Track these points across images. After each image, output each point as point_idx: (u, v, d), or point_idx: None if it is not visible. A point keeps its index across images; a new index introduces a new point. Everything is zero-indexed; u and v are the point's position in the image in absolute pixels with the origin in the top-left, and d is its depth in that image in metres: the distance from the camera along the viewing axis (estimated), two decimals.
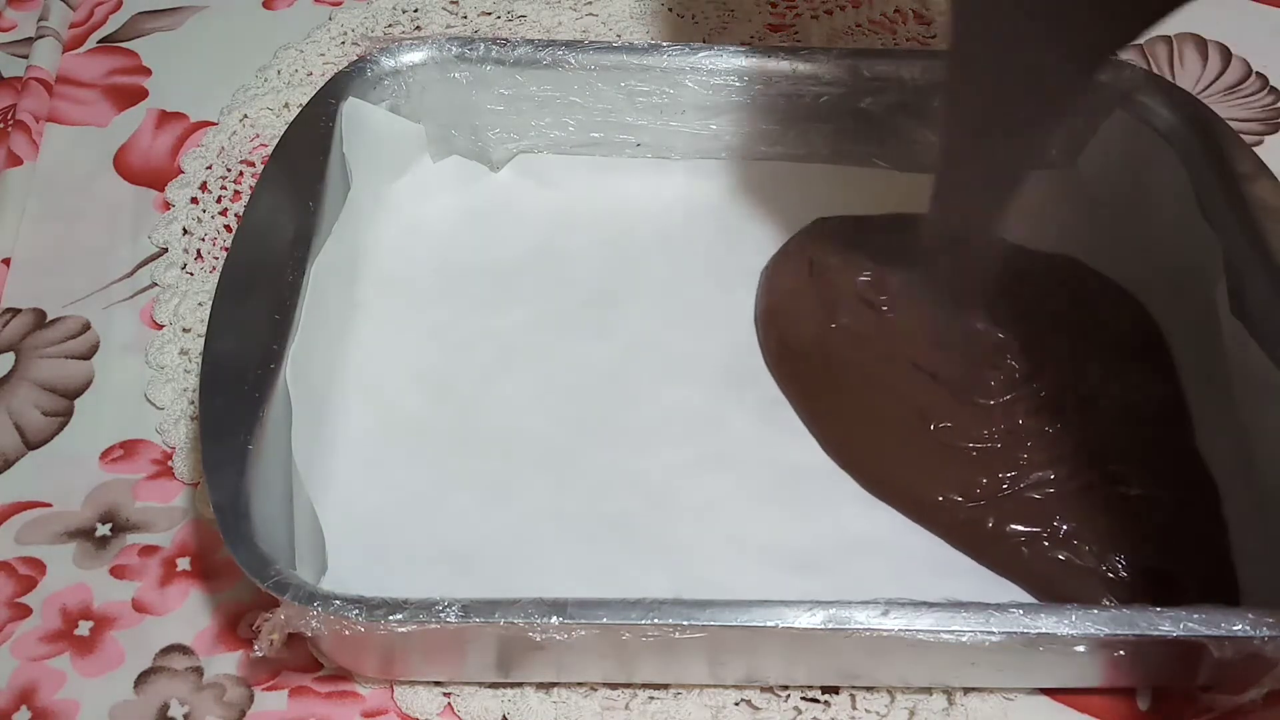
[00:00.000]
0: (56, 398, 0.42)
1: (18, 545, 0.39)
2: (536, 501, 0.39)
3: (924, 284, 0.43)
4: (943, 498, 0.39)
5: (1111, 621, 0.33)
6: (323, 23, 0.54)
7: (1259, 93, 0.53)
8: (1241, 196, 0.41)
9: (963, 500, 0.39)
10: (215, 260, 0.46)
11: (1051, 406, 0.41)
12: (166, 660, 0.37)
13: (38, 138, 0.50)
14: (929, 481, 0.39)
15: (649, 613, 0.32)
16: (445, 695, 0.36)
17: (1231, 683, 0.36)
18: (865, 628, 0.33)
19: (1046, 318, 0.43)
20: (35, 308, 0.45)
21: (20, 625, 0.37)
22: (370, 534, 0.38)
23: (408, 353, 0.43)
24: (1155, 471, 0.39)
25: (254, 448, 0.35)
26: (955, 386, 0.41)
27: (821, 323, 0.43)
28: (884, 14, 0.56)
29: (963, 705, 0.36)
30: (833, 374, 0.42)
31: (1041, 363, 0.42)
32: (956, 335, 0.42)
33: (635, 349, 0.43)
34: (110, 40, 0.54)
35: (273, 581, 0.33)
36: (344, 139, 0.43)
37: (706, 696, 0.36)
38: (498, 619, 0.32)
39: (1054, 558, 0.38)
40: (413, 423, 0.41)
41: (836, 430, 0.41)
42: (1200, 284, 0.42)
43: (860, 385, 0.42)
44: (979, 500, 0.39)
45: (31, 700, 0.36)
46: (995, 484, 0.39)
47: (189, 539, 0.39)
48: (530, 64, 0.45)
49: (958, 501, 0.39)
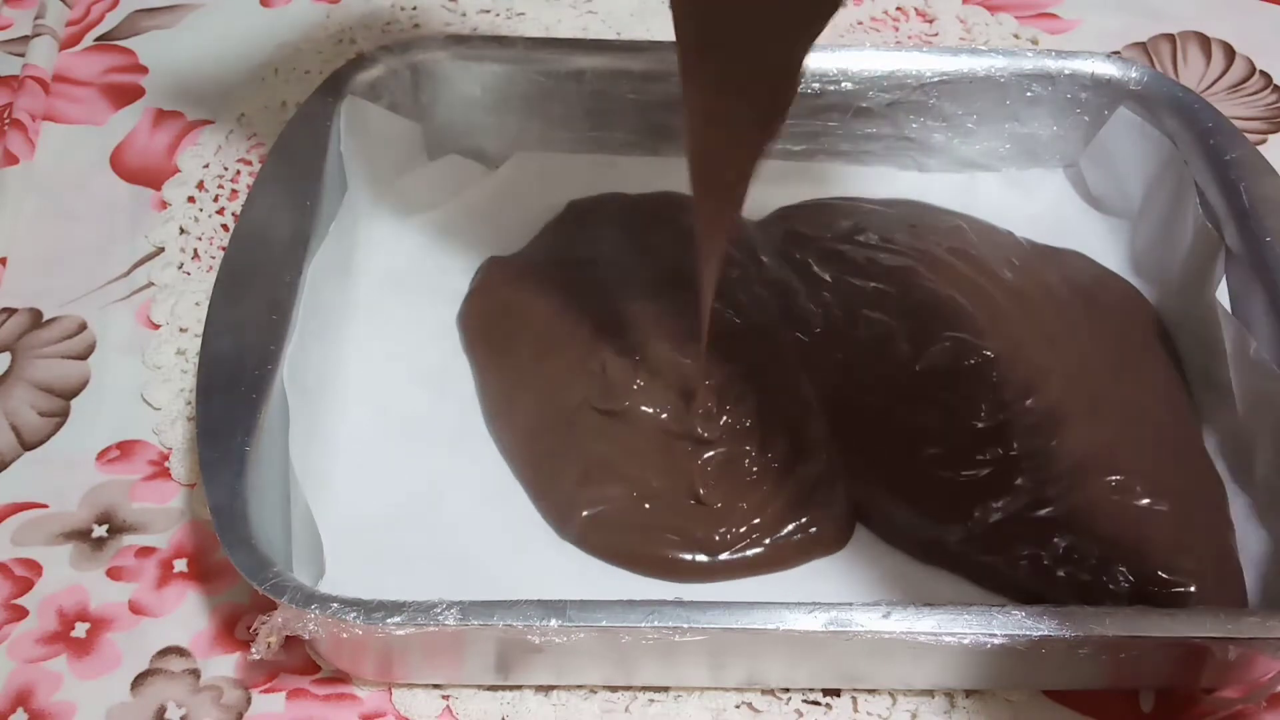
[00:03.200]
0: (53, 398, 0.42)
1: (14, 546, 0.39)
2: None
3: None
4: (934, 534, 0.38)
5: (1114, 624, 0.33)
6: (320, 21, 0.54)
7: (1262, 91, 0.53)
8: (1244, 196, 0.41)
9: (952, 537, 0.38)
10: (212, 260, 0.46)
11: (1050, 421, 0.40)
12: (163, 662, 0.36)
13: (34, 136, 0.49)
14: (918, 518, 0.38)
15: (649, 615, 0.32)
16: (444, 698, 0.36)
17: (1235, 685, 0.36)
18: (866, 630, 0.32)
19: (1050, 321, 0.43)
20: (31, 307, 0.45)
21: (17, 627, 0.37)
22: (368, 536, 0.38)
23: (405, 353, 0.42)
24: (1162, 476, 0.39)
25: (251, 449, 0.35)
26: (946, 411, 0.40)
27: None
28: (885, 11, 0.55)
29: (964, 707, 0.36)
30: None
31: (1043, 375, 0.41)
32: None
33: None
34: (107, 38, 0.54)
35: (270, 584, 0.32)
36: (342, 138, 0.43)
37: (707, 699, 0.36)
38: (496, 621, 0.32)
39: (1054, 575, 0.37)
40: (410, 424, 0.41)
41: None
42: (1201, 284, 0.41)
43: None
44: (969, 532, 0.38)
45: (28, 702, 0.36)
46: (987, 512, 0.38)
47: (186, 540, 0.39)
48: (529, 62, 0.45)
49: (949, 538, 0.38)
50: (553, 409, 0.40)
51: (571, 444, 0.39)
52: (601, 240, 0.45)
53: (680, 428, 0.40)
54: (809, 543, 0.38)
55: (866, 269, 0.44)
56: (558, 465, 0.39)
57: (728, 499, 0.38)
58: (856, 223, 0.45)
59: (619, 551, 0.38)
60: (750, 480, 0.39)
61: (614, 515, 0.38)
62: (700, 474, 0.39)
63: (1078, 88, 0.46)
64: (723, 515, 0.38)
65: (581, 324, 0.42)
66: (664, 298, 0.42)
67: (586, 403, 0.40)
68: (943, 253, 0.44)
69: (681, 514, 0.38)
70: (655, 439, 0.39)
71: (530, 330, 0.42)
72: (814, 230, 0.45)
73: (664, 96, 0.45)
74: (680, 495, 0.39)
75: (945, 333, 0.42)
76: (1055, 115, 0.46)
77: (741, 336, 0.42)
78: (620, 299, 0.42)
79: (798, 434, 0.40)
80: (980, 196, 0.47)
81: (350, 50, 0.48)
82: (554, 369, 0.41)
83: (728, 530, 0.38)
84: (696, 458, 0.39)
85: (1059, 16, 0.55)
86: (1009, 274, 0.44)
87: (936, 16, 0.55)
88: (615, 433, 0.39)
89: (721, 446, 0.39)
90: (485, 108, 0.46)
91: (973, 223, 0.46)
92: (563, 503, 0.38)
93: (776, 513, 0.38)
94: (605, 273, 0.44)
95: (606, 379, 0.40)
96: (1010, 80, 0.45)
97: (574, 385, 0.40)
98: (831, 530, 0.38)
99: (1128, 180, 0.46)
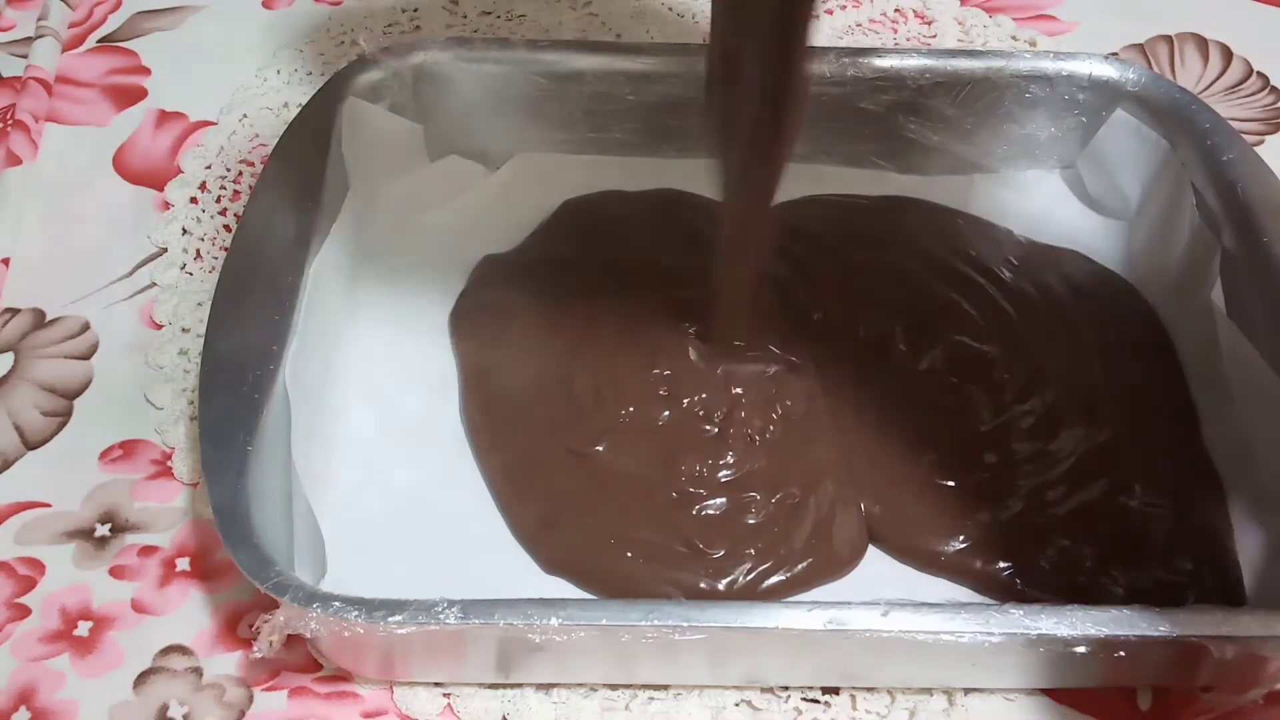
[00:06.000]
0: (56, 398, 0.42)
1: (17, 545, 0.39)
2: None
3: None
4: (935, 545, 0.38)
5: (1112, 622, 0.33)
6: (322, 22, 0.54)
7: (1260, 92, 0.53)
8: (1241, 197, 0.41)
9: (952, 547, 0.37)
10: (215, 260, 0.46)
11: (1049, 423, 0.40)
12: (166, 661, 0.37)
13: (37, 138, 0.50)
14: (912, 529, 0.38)
15: (649, 614, 0.32)
16: (445, 696, 0.36)
17: (1232, 683, 0.36)
18: (865, 629, 0.32)
19: (1047, 321, 0.43)
20: (34, 308, 0.45)
21: (19, 625, 0.37)
22: (370, 535, 0.38)
23: (408, 353, 0.42)
24: (1162, 475, 0.39)
25: (253, 448, 0.35)
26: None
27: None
28: (884, 13, 0.56)
29: (963, 706, 0.36)
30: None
31: (1041, 376, 0.41)
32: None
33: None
34: (109, 40, 0.54)
35: (272, 583, 0.33)
36: (343, 139, 0.43)
37: (707, 697, 0.36)
38: (497, 620, 0.32)
39: (1053, 577, 0.37)
40: (412, 423, 0.41)
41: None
42: (1199, 285, 0.42)
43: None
44: (969, 541, 0.37)
45: (31, 701, 0.36)
46: (986, 519, 0.38)
47: (188, 539, 0.39)
48: (530, 64, 0.45)
49: (949, 548, 0.37)
50: (523, 431, 0.39)
51: (537, 480, 0.38)
52: (595, 239, 0.45)
53: (667, 483, 0.38)
54: (824, 569, 0.37)
55: (865, 268, 0.44)
56: (523, 501, 0.38)
57: (733, 547, 0.37)
58: (854, 219, 0.45)
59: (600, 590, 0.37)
60: (758, 525, 0.37)
61: (586, 565, 0.37)
62: (697, 528, 0.37)
63: (1075, 89, 0.45)
64: (727, 564, 0.37)
65: (562, 334, 0.41)
66: (660, 301, 0.42)
67: (558, 434, 0.39)
68: (942, 252, 0.45)
69: (676, 564, 0.37)
70: (635, 484, 0.38)
71: (511, 336, 0.42)
72: (812, 226, 0.45)
73: (664, 98, 0.45)
74: (671, 543, 0.37)
75: (944, 333, 0.42)
76: (1053, 117, 0.46)
77: (744, 356, 0.41)
78: (611, 303, 0.42)
79: (810, 460, 0.39)
80: (978, 197, 0.47)
81: (352, 52, 0.48)
82: (529, 386, 0.40)
83: (734, 580, 0.36)
84: (688, 509, 0.38)
85: (1057, 18, 0.55)
86: (1008, 274, 0.44)
87: (935, 18, 0.55)
88: (588, 473, 0.38)
89: (721, 497, 0.38)
90: (486, 109, 0.46)
91: (971, 222, 0.46)
92: (528, 544, 0.38)
93: (790, 553, 0.37)
94: (597, 273, 0.43)
95: (580, 412, 0.39)
96: (1008, 82, 0.45)
97: (548, 410, 0.39)
98: (847, 553, 0.38)
99: (1125, 181, 0.46)
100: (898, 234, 0.45)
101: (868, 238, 0.45)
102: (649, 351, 0.41)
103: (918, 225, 0.46)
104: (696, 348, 0.40)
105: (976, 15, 0.55)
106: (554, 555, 0.37)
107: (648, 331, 0.41)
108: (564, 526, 0.37)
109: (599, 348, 0.41)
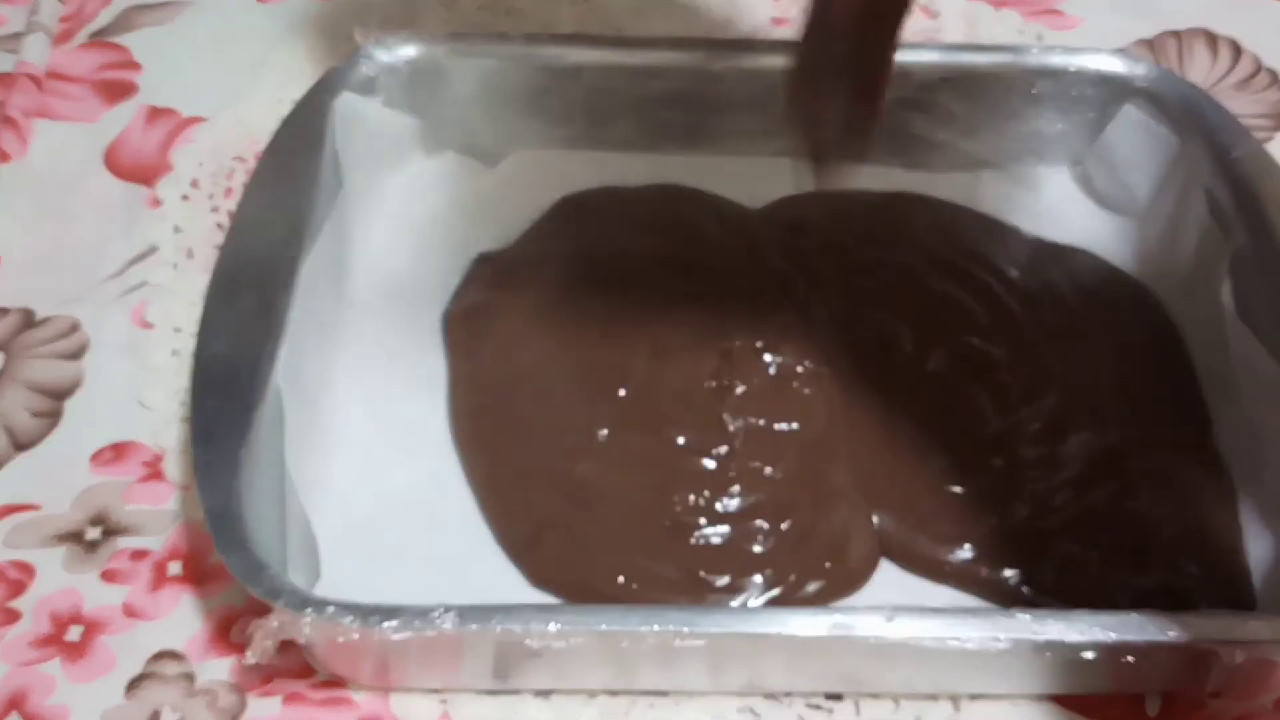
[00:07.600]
0: (46, 399, 0.42)
1: (7, 548, 0.38)
2: None
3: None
4: (934, 553, 0.37)
5: (1120, 627, 0.32)
6: (316, 17, 0.54)
7: (1269, 88, 0.52)
8: (1250, 194, 0.41)
9: (951, 556, 0.37)
10: (207, 258, 0.45)
11: (1057, 426, 0.39)
12: (158, 666, 0.36)
13: (27, 134, 0.49)
14: (920, 540, 0.37)
15: (648, 619, 0.32)
16: (442, 702, 0.35)
17: (1241, 689, 0.35)
18: (869, 635, 0.32)
19: (1055, 320, 0.42)
20: (24, 307, 0.44)
21: (10, 630, 0.37)
22: (364, 538, 0.37)
23: (402, 353, 0.42)
24: (1170, 478, 0.38)
25: (246, 450, 0.35)
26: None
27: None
28: None
29: (968, 712, 0.35)
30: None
31: (1049, 377, 0.40)
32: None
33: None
34: (101, 35, 0.53)
35: (265, 587, 0.32)
36: (337, 135, 0.42)
37: (708, 703, 0.36)
38: (494, 626, 0.32)
39: (1060, 581, 0.36)
40: (407, 425, 0.40)
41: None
42: (1209, 281, 0.41)
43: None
44: (976, 548, 0.37)
45: (21, 706, 0.35)
46: (993, 525, 0.37)
47: (180, 543, 0.39)
48: (527, 59, 0.45)
49: (948, 556, 0.37)
50: (512, 442, 0.38)
51: (520, 496, 0.38)
52: (592, 236, 0.44)
53: (663, 510, 0.37)
54: (837, 589, 0.37)
55: (870, 266, 0.43)
56: (511, 516, 0.37)
57: (739, 574, 0.36)
58: (859, 216, 0.45)
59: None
60: (765, 553, 0.37)
61: (574, 586, 0.36)
62: (697, 557, 0.36)
63: (1084, 84, 0.45)
64: (732, 592, 0.36)
65: (558, 334, 0.41)
66: (660, 298, 0.41)
67: (548, 444, 0.38)
68: (947, 250, 0.44)
69: (675, 590, 0.36)
70: (628, 508, 0.37)
71: (502, 338, 0.41)
72: (815, 223, 0.45)
73: (664, 93, 0.45)
74: (668, 571, 0.36)
75: (951, 334, 0.41)
76: (1061, 112, 0.46)
77: (754, 363, 0.40)
78: (609, 300, 0.41)
79: (820, 481, 0.38)
80: (985, 194, 0.47)
81: (346, 46, 0.47)
82: (519, 391, 0.39)
83: (743, 605, 0.36)
84: (686, 537, 0.37)
85: (1064, 13, 0.55)
86: (1015, 272, 0.44)
87: (940, 12, 0.55)
88: (578, 492, 0.37)
89: (723, 525, 0.37)
90: (482, 104, 0.46)
91: (978, 219, 0.46)
92: (515, 559, 0.37)
93: (800, 578, 0.36)
94: (595, 269, 0.43)
95: (573, 420, 0.38)
96: (1015, 77, 0.45)
97: (538, 417, 0.39)
98: (860, 571, 0.37)
99: (1134, 178, 0.45)
100: (903, 231, 0.45)
101: (872, 235, 0.45)
102: (649, 351, 0.40)
103: (923, 222, 0.45)
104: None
105: (983, 10, 0.55)
106: (541, 574, 0.37)
107: (647, 330, 0.41)
108: (549, 545, 0.37)
109: (597, 347, 0.40)
